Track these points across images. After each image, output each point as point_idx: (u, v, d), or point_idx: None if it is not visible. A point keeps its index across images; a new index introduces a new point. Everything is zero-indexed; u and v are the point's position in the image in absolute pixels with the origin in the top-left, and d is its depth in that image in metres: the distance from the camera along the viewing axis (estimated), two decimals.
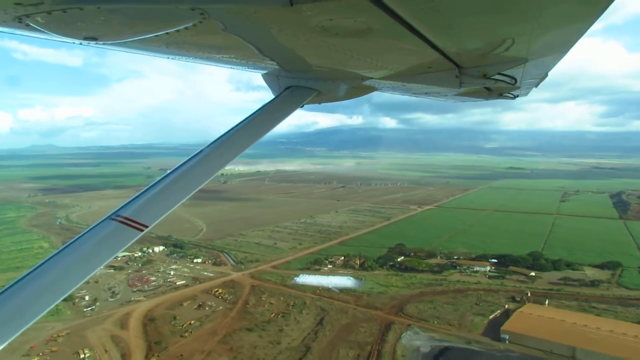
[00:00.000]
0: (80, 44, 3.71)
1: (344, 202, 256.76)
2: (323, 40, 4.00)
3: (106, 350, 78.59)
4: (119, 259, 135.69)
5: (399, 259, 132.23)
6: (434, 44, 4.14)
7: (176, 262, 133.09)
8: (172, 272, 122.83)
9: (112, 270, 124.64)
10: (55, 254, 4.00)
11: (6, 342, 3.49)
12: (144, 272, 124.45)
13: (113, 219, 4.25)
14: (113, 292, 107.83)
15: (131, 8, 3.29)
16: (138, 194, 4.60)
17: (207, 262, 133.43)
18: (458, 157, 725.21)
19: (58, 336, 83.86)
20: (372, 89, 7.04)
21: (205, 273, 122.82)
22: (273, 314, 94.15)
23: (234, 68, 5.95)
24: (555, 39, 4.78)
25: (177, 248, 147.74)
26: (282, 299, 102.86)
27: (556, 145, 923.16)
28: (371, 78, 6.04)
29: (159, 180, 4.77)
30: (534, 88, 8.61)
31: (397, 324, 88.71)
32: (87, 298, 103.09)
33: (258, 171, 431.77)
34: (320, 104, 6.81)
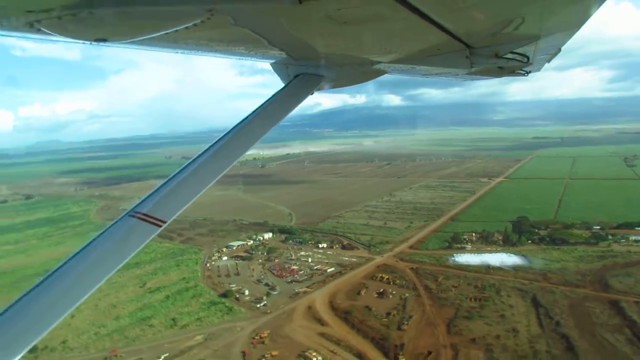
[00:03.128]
0: (91, 44, 3.67)
1: (406, 178, 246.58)
2: (331, 29, 3.94)
3: (333, 352, 68.20)
4: (234, 248, 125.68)
5: (539, 232, 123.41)
6: (442, 25, 3.97)
7: (301, 249, 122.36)
8: (309, 260, 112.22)
9: (242, 261, 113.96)
10: (78, 253, 3.94)
11: (37, 339, 3.54)
12: (276, 260, 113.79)
13: (131, 216, 4.21)
14: (267, 284, 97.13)
15: (140, 10, 3.34)
16: (155, 189, 4.48)
17: (334, 247, 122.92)
18: (473, 130, 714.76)
19: (260, 337, 73.38)
20: (381, 72, 6.75)
21: (345, 258, 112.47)
22: (470, 299, 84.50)
23: (242, 59, 5.81)
24: (568, 15, 4.58)
25: (287, 234, 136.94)
26: (461, 281, 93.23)
27: (563, 113, 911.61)
28: (380, 62, 5.92)
29: (175, 175, 4.66)
30: (547, 63, 8.41)
31: (623, 302, 79.38)
32: (246, 292, 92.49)
33: (288, 154, 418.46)
34: (330, 90, 6.60)
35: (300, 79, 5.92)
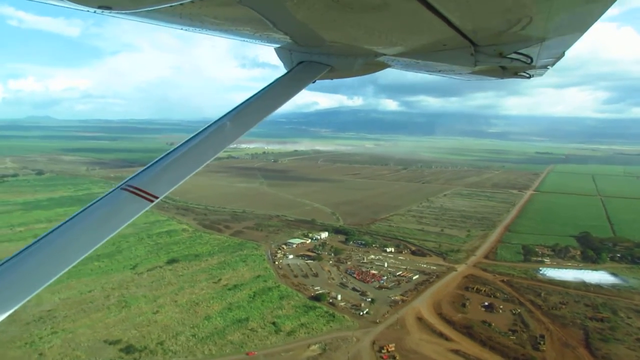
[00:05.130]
0: (94, 12, 3.57)
1: (430, 185, 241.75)
2: (338, 14, 3.88)
3: None
4: (294, 246, 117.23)
5: (615, 248, 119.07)
6: (450, 20, 3.98)
7: (368, 252, 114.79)
8: (385, 264, 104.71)
9: (311, 261, 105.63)
10: (66, 222, 3.87)
11: (16, 307, 3.48)
12: (349, 263, 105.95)
13: (124, 189, 4.12)
14: (355, 289, 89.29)
15: None
16: (149, 164, 4.40)
17: (403, 252, 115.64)
18: (472, 141, 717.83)
19: (388, 351, 65.50)
20: (385, 65, 6.65)
21: (423, 265, 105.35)
22: (590, 318, 78.44)
23: (247, 41, 5.76)
24: (574, 18, 4.58)
25: (344, 234, 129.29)
26: (565, 298, 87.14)
27: (557, 130, 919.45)
28: (385, 54, 5.82)
29: (171, 152, 4.56)
30: (550, 67, 8.07)
31: None
32: (339, 297, 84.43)
33: (295, 150, 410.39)
34: (332, 79, 6.50)
35: (303, 66, 5.76)
